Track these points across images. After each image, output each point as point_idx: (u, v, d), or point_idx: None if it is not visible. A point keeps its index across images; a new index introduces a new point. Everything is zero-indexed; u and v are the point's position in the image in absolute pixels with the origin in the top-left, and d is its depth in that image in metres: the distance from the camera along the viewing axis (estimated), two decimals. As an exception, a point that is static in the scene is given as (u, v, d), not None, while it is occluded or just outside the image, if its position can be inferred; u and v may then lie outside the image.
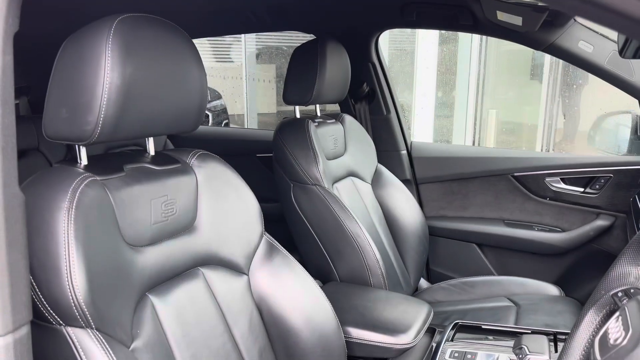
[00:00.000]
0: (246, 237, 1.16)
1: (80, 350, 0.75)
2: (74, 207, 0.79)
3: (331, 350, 1.19)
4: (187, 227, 1.05)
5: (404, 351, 1.27)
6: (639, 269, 0.87)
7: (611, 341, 0.70)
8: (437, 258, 2.20)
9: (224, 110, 6.25)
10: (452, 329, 1.40)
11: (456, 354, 1.27)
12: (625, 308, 0.73)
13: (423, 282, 2.08)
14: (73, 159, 0.92)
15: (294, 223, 1.68)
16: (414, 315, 1.34)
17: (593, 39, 1.62)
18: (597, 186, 1.93)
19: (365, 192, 1.90)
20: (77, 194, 0.80)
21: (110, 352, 0.76)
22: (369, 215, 1.85)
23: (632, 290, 0.86)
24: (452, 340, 1.34)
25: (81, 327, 0.76)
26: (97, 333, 0.77)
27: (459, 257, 2.15)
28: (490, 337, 1.35)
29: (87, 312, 0.76)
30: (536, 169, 2.01)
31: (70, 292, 0.75)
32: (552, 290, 1.82)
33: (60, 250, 0.75)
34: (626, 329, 0.69)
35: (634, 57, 1.20)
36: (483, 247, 2.14)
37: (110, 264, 0.84)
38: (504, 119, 6.03)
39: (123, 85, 0.83)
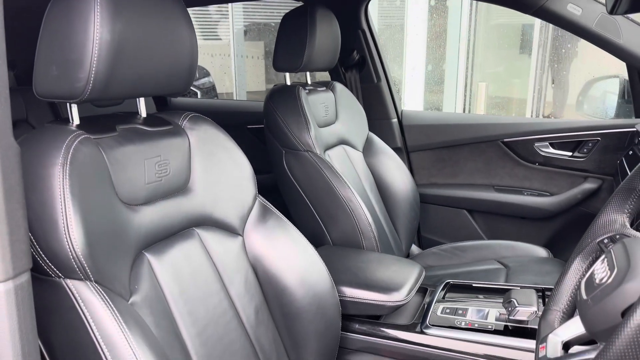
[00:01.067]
0: (240, 199, 1.17)
1: (80, 301, 0.76)
2: (68, 162, 0.79)
3: (325, 309, 1.22)
4: (181, 188, 1.06)
5: (396, 308, 1.30)
6: (624, 216, 0.89)
7: (597, 281, 0.72)
8: (428, 225, 2.23)
9: (212, 88, 6.20)
10: (443, 288, 1.43)
11: (447, 310, 1.30)
12: (611, 250, 0.75)
13: (414, 248, 2.12)
14: (64, 120, 0.92)
15: (287, 190, 1.69)
16: (406, 275, 1.37)
17: (581, 1, 1.63)
18: (585, 150, 1.96)
19: (356, 160, 1.91)
20: (70, 150, 0.81)
21: (110, 303, 0.78)
22: (361, 183, 1.87)
23: (617, 236, 0.88)
24: (443, 298, 1.37)
25: (80, 279, 0.78)
26: (96, 285, 0.79)
27: (449, 223, 2.19)
28: (481, 296, 1.38)
29: (85, 265, 0.77)
30: (525, 134, 2.03)
31: (69, 244, 0.76)
32: (541, 252, 1.86)
33: (57, 204, 0.76)
34: (611, 269, 0.71)
35: (626, 12, 1.20)
36: (473, 212, 2.17)
37: (106, 220, 0.85)
38: (493, 94, 6.05)
39: (113, 41, 0.83)
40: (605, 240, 0.89)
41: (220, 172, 1.13)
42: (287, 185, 1.67)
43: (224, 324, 1.06)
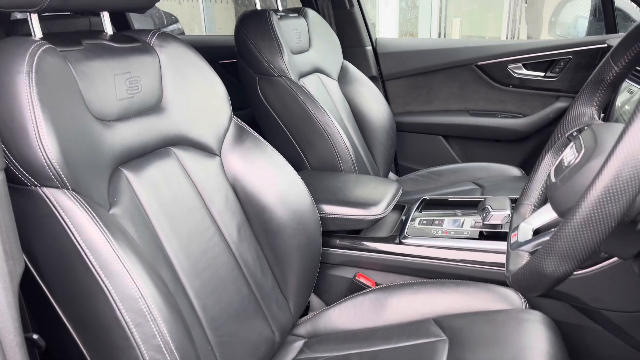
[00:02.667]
0: (215, 119, 1.16)
1: (59, 208, 0.76)
2: (33, 70, 0.77)
3: (306, 225, 1.24)
4: (154, 107, 1.04)
5: (375, 222, 1.33)
6: (592, 108, 0.91)
7: (565, 164, 0.75)
8: (404, 152, 2.26)
9: (181, 34, 6.02)
10: (420, 204, 1.46)
11: (424, 222, 1.34)
12: (580, 137, 0.77)
13: (392, 176, 2.15)
14: (25, 34, 0.89)
15: (263, 118, 1.68)
16: (383, 191, 1.39)
17: None
18: (557, 69, 1.98)
19: (332, 88, 1.90)
20: (35, 59, 0.78)
21: (90, 210, 0.78)
22: (337, 112, 1.87)
23: (585, 128, 0.91)
24: (420, 212, 1.41)
25: (57, 187, 0.77)
26: (74, 194, 0.78)
27: (425, 150, 2.21)
28: (457, 209, 1.42)
29: (60, 172, 0.77)
30: (499, 57, 2.04)
31: (41, 151, 0.75)
32: (515, 171, 1.90)
33: (25, 112, 0.74)
34: (579, 150, 0.73)
35: None
36: (449, 138, 2.20)
37: (79, 132, 0.83)
38: (467, 31, 5.99)
39: None
40: (575, 133, 0.92)
41: (193, 90, 1.12)
42: (263, 113, 1.66)
43: (207, 239, 1.08)
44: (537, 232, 0.85)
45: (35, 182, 0.76)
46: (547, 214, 0.83)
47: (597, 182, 0.58)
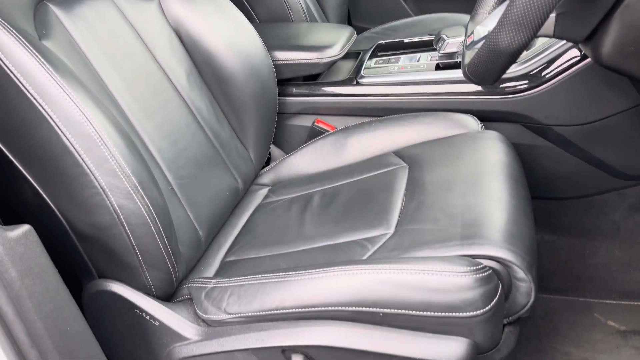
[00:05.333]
0: None
1: None
2: None
3: (259, 71, 1.19)
4: None
5: (331, 65, 1.29)
6: None
7: None
8: (358, 12, 2.17)
9: None
10: (375, 49, 1.42)
11: (380, 62, 1.31)
12: None
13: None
14: None
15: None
16: (337, 35, 1.34)
17: None
18: None
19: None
20: None
21: (16, 33, 0.71)
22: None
23: None
24: (376, 55, 1.37)
25: None
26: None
27: (379, 7, 2.13)
28: (413, 48, 1.38)
29: None
30: None
31: None
32: (467, 18, 1.86)
33: None
34: None
35: None
36: (403, -8, 2.11)
37: None
38: None
39: None
40: None
41: None
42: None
43: (153, 83, 1.02)
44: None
45: None
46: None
47: None
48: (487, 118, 1.16)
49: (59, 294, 0.67)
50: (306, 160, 1.24)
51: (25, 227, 0.63)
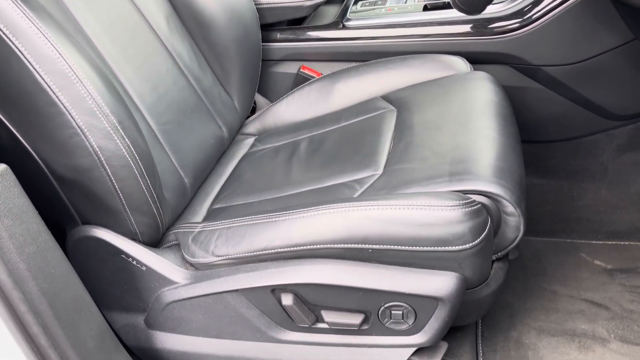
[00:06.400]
0: None
1: None
2: None
3: (241, 14, 1.16)
4: None
5: (316, 7, 1.25)
6: None
7: None
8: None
9: None
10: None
11: (367, 4, 1.27)
12: None
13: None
14: None
15: None
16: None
17: None
18: None
19: None
20: None
21: None
22: None
23: None
24: (362, -1, 1.33)
25: None
26: None
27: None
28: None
29: None
30: None
31: None
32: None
33: None
34: None
35: None
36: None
37: None
38: None
39: None
40: None
41: None
42: None
43: (131, 27, 0.98)
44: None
45: None
46: None
47: None
48: (476, 60, 1.13)
49: (41, 235, 0.65)
50: (292, 108, 1.21)
51: (1, 167, 0.61)
